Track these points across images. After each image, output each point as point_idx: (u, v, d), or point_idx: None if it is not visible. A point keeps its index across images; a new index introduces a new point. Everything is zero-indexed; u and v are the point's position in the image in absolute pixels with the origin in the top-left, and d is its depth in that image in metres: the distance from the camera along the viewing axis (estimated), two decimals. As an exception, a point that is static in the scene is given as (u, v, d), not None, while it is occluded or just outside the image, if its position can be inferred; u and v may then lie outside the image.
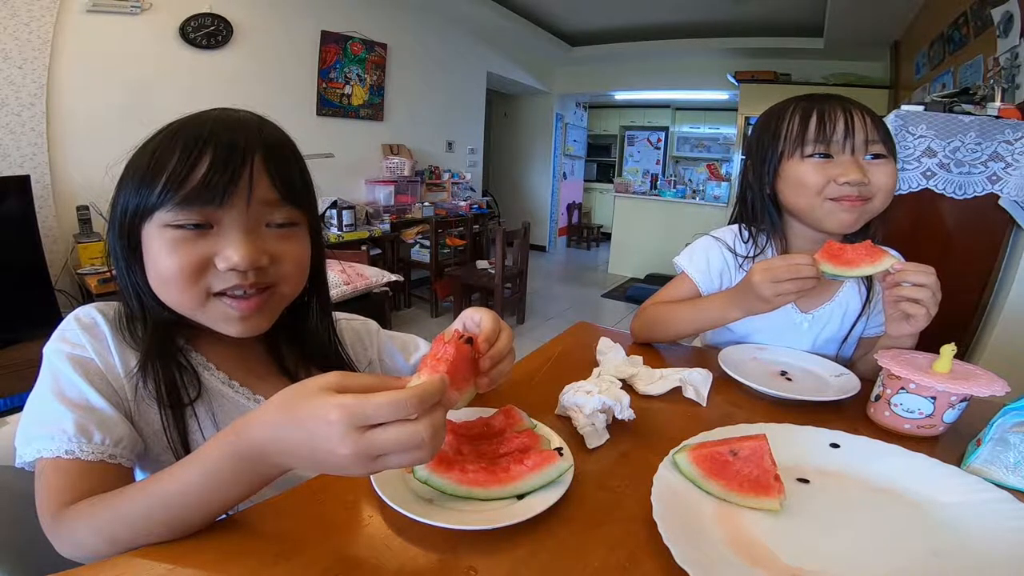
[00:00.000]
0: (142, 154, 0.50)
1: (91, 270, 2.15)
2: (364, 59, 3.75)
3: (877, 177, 0.75)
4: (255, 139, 0.50)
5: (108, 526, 0.40)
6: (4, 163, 2.12)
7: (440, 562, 0.39)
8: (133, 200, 0.49)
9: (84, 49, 2.34)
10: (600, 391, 0.58)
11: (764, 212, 0.87)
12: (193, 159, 0.47)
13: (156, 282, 0.50)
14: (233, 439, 0.37)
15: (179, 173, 0.47)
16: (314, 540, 0.40)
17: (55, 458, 0.44)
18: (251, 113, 0.54)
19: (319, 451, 0.34)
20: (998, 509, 0.45)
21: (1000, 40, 2.03)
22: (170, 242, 0.48)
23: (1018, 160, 1.43)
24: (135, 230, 0.50)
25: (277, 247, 0.52)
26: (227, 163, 0.48)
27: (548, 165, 6.67)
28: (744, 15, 4.34)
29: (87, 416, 0.46)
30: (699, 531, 0.42)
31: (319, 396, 0.34)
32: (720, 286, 0.91)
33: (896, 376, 0.61)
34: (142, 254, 0.50)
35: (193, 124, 0.50)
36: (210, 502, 0.39)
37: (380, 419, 0.33)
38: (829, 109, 0.77)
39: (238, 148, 0.48)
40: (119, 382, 0.51)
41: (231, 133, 0.49)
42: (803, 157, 0.78)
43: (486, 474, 0.45)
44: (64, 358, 0.49)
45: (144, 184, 0.48)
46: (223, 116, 0.51)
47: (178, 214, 0.47)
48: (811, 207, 0.79)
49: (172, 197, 0.47)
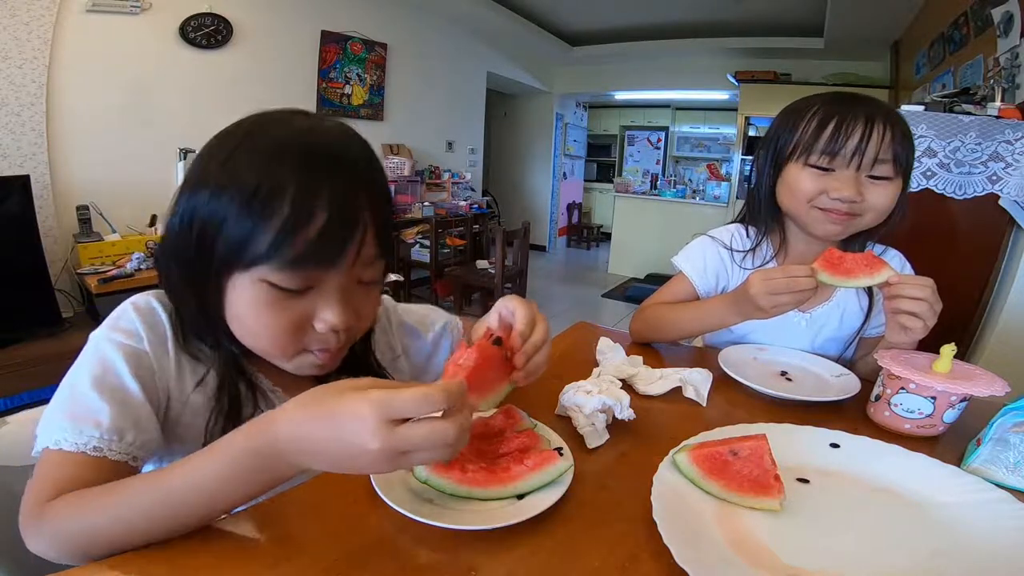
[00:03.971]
0: (235, 171, 0.44)
1: (91, 270, 2.15)
2: (364, 59, 3.75)
3: (873, 197, 0.75)
4: (366, 183, 0.47)
5: (98, 519, 0.38)
6: (4, 163, 2.12)
7: (440, 562, 0.39)
8: (232, 232, 0.43)
9: (84, 49, 2.34)
10: (600, 391, 0.58)
11: (767, 207, 0.88)
12: (309, 208, 0.42)
13: (240, 330, 0.48)
14: (254, 435, 0.37)
15: (293, 225, 0.42)
16: (314, 540, 0.40)
17: (78, 452, 0.41)
18: (343, 130, 0.49)
19: (348, 446, 0.34)
20: (998, 509, 0.45)
21: (1000, 40, 2.03)
22: (265, 301, 0.45)
23: (1018, 160, 1.43)
24: (224, 268, 0.45)
25: (363, 304, 0.50)
26: (344, 220, 0.44)
27: (548, 165, 6.66)
28: (744, 15, 4.34)
29: (125, 412, 0.44)
30: (699, 531, 0.42)
31: (349, 393, 0.35)
32: (716, 285, 0.92)
33: (896, 376, 0.61)
34: (223, 287, 0.46)
35: (301, 151, 0.44)
36: (216, 501, 0.38)
37: (409, 413, 0.34)
38: (851, 119, 0.74)
39: (353, 201, 0.45)
40: (166, 382, 0.49)
41: (345, 176, 0.45)
42: (806, 164, 0.78)
43: (486, 474, 0.45)
44: (115, 347, 0.46)
45: (246, 221, 0.43)
46: (327, 141, 0.47)
47: (284, 275, 0.44)
48: (799, 212, 0.81)
49: (283, 253, 0.42)
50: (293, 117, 0.48)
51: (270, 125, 0.47)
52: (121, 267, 2.14)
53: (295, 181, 0.43)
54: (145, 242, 2.32)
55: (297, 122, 0.47)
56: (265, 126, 0.47)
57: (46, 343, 1.87)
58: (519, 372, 0.48)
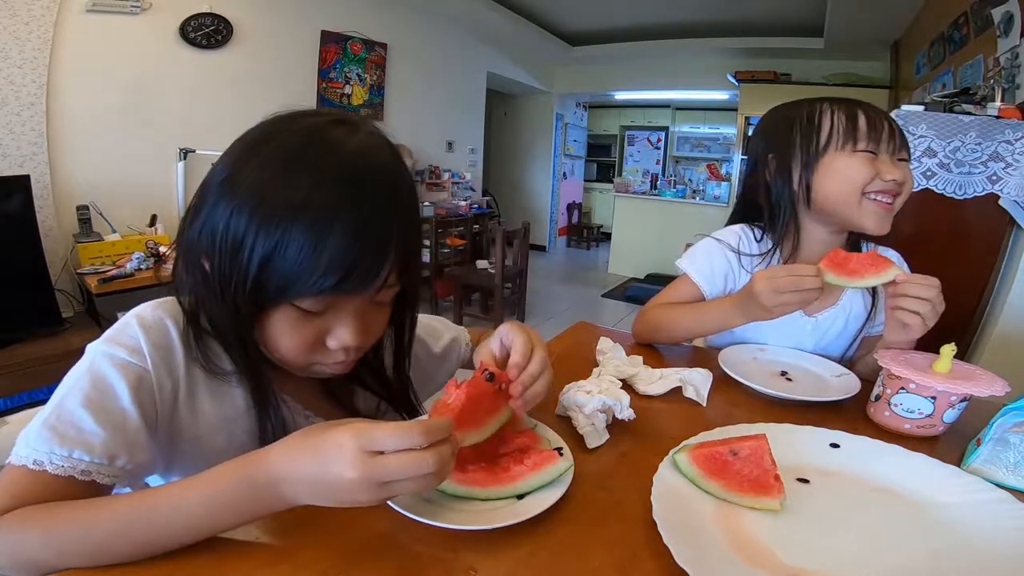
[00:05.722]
0: (291, 200, 0.41)
1: (91, 270, 2.15)
2: (364, 59, 3.75)
3: (906, 177, 0.79)
4: (408, 212, 0.47)
5: (67, 536, 0.37)
6: (4, 163, 2.12)
7: (440, 562, 0.39)
8: (282, 266, 0.41)
9: (84, 49, 2.34)
10: (600, 391, 0.58)
11: (789, 209, 0.85)
12: (360, 244, 0.42)
13: (265, 344, 0.48)
14: (250, 465, 0.38)
15: (342, 261, 0.42)
16: (314, 540, 0.40)
17: (63, 475, 0.39)
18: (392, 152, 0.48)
19: (329, 476, 0.35)
20: (998, 509, 0.45)
21: (1000, 40, 2.03)
22: (287, 320, 0.45)
23: (1018, 160, 1.43)
24: (266, 298, 0.44)
25: (374, 322, 0.50)
26: (381, 252, 0.44)
27: (548, 165, 6.66)
28: (744, 15, 4.34)
29: (118, 437, 0.42)
30: (699, 531, 0.42)
31: (335, 427, 0.37)
32: (724, 288, 0.90)
33: (896, 376, 0.61)
34: (259, 310, 0.45)
35: (357, 183, 0.43)
36: (201, 526, 0.38)
37: (388, 446, 0.35)
38: (871, 110, 0.80)
39: (395, 233, 0.44)
40: (169, 403, 0.47)
41: (394, 210, 0.45)
42: (854, 151, 0.79)
43: (486, 474, 0.45)
44: (115, 365, 0.44)
45: (298, 257, 0.41)
46: (382, 171, 0.46)
47: (314, 301, 0.44)
48: (850, 203, 0.79)
49: (325, 288, 0.42)
50: (343, 133, 0.45)
51: (323, 145, 0.44)
52: (121, 267, 2.14)
53: (352, 217, 0.42)
54: (145, 242, 2.32)
55: (350, 143, 0.45)
56: (318, 145, 0.44)
57: (46, 343, 1.87)
58: (516, 400, 0.49)
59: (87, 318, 2.18)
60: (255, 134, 0.46)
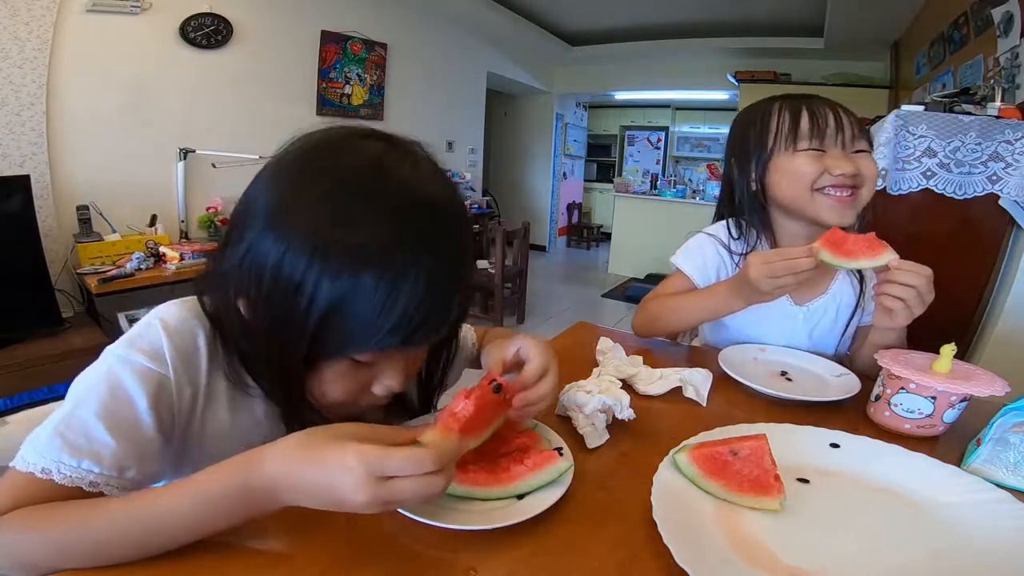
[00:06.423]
0: (360, 252, 0.38)
1: (91, 270, 2.15)
2: (364, 59, 3.74)
3: (864, 167, 0.78)
4: (469, 264, 0.46)
5: (67, 537, 0.36)
6: (4, 163, 2.11)
7: (440, 562, 0.39)
8: (345, 323, 0.39)
9: (84, 49, 2.34)
10: (600, 391, 0.58)
11: (754, 208, 0.88)
12: (427, 301, 0.39)
13: (309, 389, 0.46)
14: (246, 470, 0.37)
15: (411, 319, 0.39)
16: (314, 540, 0.40)
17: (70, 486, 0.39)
18: (455, 190, 0.46)
19: (335, 492, 0.35)
20: (998, 509, 0.45)
21: (1000, 40, 2.03)
22: (339, 372, 0.44)
23: (1018, 160, 1.43)
24: (325, 351, 0.42)
25: (417, 362, 0.51)
26: (444, 314, 0.42)
27: (548, 165, 6.66)
28: (744, 15, 4.34)
29: (131, 449, 0.41)
30: (699, 531, 0.42)
31: (341, 442, 0.35)
32: (716, 281, 0.91)
33: (896, 376, 0.61)
34: (313, 360, 0.43)
35: (430, 236, 0.40)
36: (197, 528, 0.37)
37: (400, 472, 0.35)
38: (817, 106, 0.80)
39: (456, 289, 0.42)
40: (187, 410, 0.46)
41: (455, 260, 0.42)
42: (796, 151, 0.80)
43: (486, 474, 0.45)
44: (134, 373, 0.42)
45: (367, 314, 0.38)
46: (451, 225, 0.42)
47: (371, 355, 0.43)
48: (803, 199, 0.80)
49: (390, 345, 0.40)
50: (405, 163, 0.42)
51: (388, 179, 0.41)
52: (121, 267, 2.14)
53: (426, 269, 0.39)
54: (145, 242, 2.32)
55: (416, 177, 0.42)
56: (383, 179, 0.40)
57: (46, 343, 1.86)
58: (514, 412, 0.48)
59: (87, 318, 2.18)
60: (305, 157, 0.42)
